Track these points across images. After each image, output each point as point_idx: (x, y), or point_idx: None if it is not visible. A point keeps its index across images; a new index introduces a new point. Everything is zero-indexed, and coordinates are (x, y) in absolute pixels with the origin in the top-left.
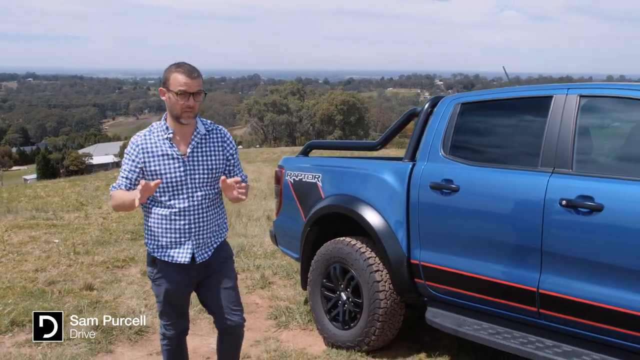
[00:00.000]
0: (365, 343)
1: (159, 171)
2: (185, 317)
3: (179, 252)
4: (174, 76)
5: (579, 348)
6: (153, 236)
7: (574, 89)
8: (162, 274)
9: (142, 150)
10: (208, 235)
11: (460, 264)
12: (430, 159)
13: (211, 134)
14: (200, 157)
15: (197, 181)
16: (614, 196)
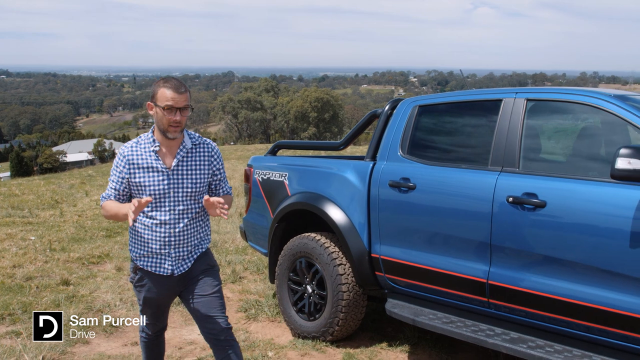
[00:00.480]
0: (329, 333)
1: (143, 183)
2: (164, 319)
3: (159, 264)
4: (161, 91)
5: (525, 335)
6: (136, 243)
7: (521, 93)
8: (143, 282)
9: (128, 161)
10: (188, 248)
11: (417, 258)
12: (389, 158)
13: (198, 148)
14: (185, 171)
15: (180, 195)
16: (556, 193)
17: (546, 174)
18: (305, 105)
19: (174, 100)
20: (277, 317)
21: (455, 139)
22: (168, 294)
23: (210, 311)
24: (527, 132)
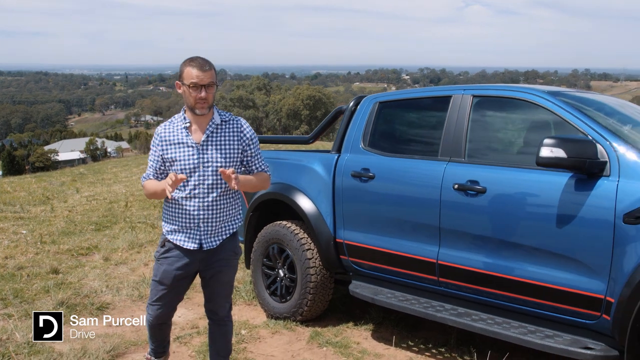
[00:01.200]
0: (299, 313)
1: (174, 158)
2: (170, 307)
3: (188, 238)
4: (187, 70)
5: (470, 310)
6: (168, 218)
7: (468, 90)
8: (167, 255)
9: (162, 139)
10: (217, 223)
11: (377, 241)
12: (352, 150)
13: (227, 124)
14: (213, 146)
15: (209, 169)
16: (495, 180)
17: (487, 163)
18: (297, 103)
19: (199, 77)
20: (253, 301)
21: (410, 132)
22: (187, 270)
23: (220, 297)
24: (472, 126)
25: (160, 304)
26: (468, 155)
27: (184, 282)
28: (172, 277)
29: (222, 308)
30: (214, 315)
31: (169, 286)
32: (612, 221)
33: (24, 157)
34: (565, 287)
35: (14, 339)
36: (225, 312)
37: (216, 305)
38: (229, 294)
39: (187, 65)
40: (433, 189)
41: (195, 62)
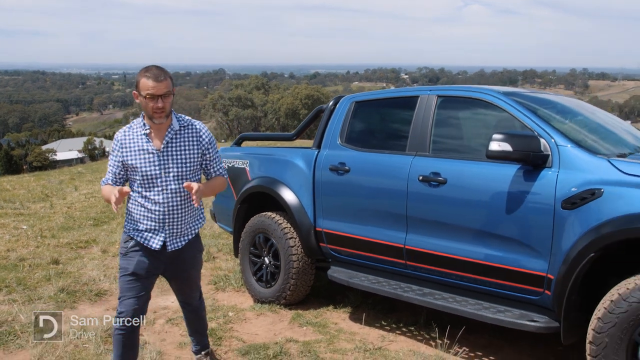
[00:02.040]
0: (283, 297)
1: (135, 165)
2: (142, 300)
3: (152, 238)
4: (143, 81)
5: (434, 290)
6: (132, 220)
7: (434, 91)
8: (134, 250)
9: (121, 145)
10: (181, 226)
11: (352, 229)
12: (330, 146)
13: (186, 130)
14: (173, 152)
15: (171, 175)
16: (454, 172)
17: (448, 156)
18: (295, 103)
19: (155, 88)
20: (242, 288)
21: (382, 129)
22: (155, 266)
23: (192, 289)
24: (436, 123)
25: (138, 295)
26: (432, 150)
27: (152, 278)
28: (146, 268)
29: (194, 298)
30: (187, 305)
31: (143, 276)
32: (552, 207)
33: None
34: (514, 266)
35: (18, 320)
36: (197, 300)
37: (189, 297)
38: (198, 285)
39: (142, 76)
40: (401, 181)
41: (150, 73)
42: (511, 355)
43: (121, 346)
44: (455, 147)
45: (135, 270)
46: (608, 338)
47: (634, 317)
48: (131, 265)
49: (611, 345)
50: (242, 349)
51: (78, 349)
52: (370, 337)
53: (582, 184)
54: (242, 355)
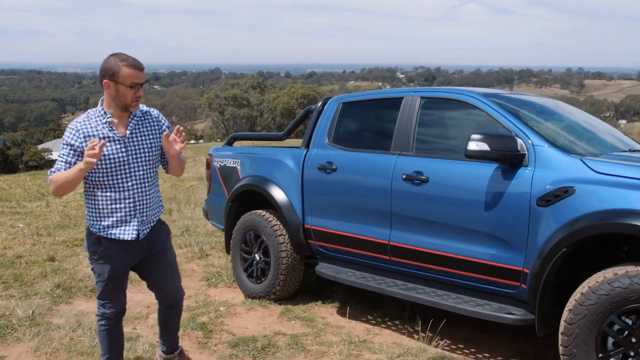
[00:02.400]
0: (272, 293)
1: (103, 153)
2: (124, 295)
3: (125, 230)
4: (124, 70)
5: (417, 285)
6: (99, 217)
7: (417, 92)
8: (107, 253)
9: (83, 134)
10: (149, 212)
11: (339, 226)
12: (319, 146)
13: (146, 116)
14: (139, 138)
15: (138, 160)
16: (436, 171)
17: (430, 156)
18: (291, 102)
19: (138, 77)
20: (233, 284)
21: (368, 129)
22: (132, 259)
23: (173, 282)
24: (419, 123)
25: (117, 297)
26: (415, 149)
27: (127, 274)
28: (120, 271)
29: (179, 291)
30: (173, 301)
31: (120, 276)
32: (528, 204)
33: (17, 156)
34: (492, 261)
35: (15, 314)
36: (182, 294)
37: (174, 290)
38: (178, 277)
39: (122, 66)
40: (385, 179)
41: (129, 62)
42: (491, 347)
43: (107, 341)
44: (437, 147)
45: (111, 274)
46: (578, 329)
47: (602, 309)
48: (106, 269)
49: (581, 336)
50: (231, 341)
51: (73, 342)
52: (356, 331)
53: (556, 182)
54: (231, 347)
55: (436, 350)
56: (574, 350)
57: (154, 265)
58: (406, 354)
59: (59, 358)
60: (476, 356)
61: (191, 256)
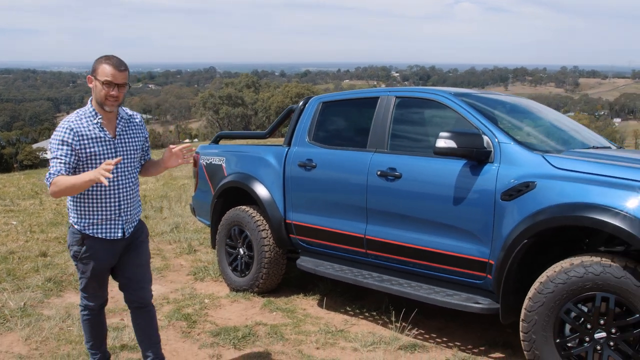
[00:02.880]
0: (256, 285)
1: (94, 153)
2: (106, 288)
3: (111, 229)
4: (102, 67)
5: (392, 277)
6: (85, 215)
7: (392, 92)
8: (91, 252)
9: (75, 134)
10: (132, 211)
11: (318, 221)
12: (299, 144)
13: (132, 119)
14: (126, 139)
15: (125, 161)
16: (408, 167)
17: (404, 153)
18: (286, 101)
19: (114, 76)
20: (219, 278)
21: (346, 127)
22: (114, 256)
23: (142, 281)
24: (394, 122)
25: (98, 293)
26: (390, 147)
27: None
28: (104, 264)
29: (148, 292)
30: (141, 303)
31: (102, 273)
32: (493, 199)
33: (12, 155)
34: (461, 253)
35: (8, 306)
36: (151, 296)
37: (143, 290)
38: (149, 278)
39: (102, 63)
40: (361, 176)
41: (111, 61)
42: (463, 337)
43: (90, 329)
44: (410, 144)
45: (94, 272)
46: (537, 316)
47: (559, 297)
48: (89, 267)
49: (540, 323)
50: (214, 331)
51: (63, 331)
52: (335, 321)
53: (519, 177)
54: (213, 336)
55: (408, 338)
56: (533, 336)
57: (127, 263)
58: (379, 342)
59: (49, 346)
60: (447, 345)
61: (180, 252)
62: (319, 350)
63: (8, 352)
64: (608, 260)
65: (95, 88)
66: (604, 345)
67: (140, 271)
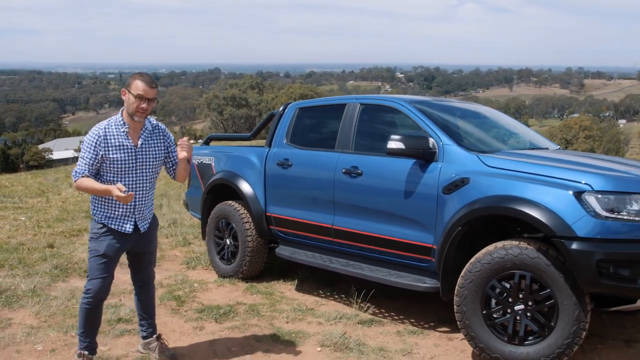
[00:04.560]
0: (240, 272)
1: (116, 158)
2: (111, 278)
3: (124, 224)
4: (136, 83)
5: (356, 262)
6: (104, 209)
7: (358, 100)
8: (107, 235)
9: (103, 140)
10: (146, 210)
11: (293, 213)
12: (278, 145)
13: (155, 130)
14: (148, 149)
15: (144, 168)
16: (368, 166)
17: (365, 153)
18: None
19: (145, 91)
20: (210, 267)
21: (318, 130)
22: (124, 247)
23: (149, 265)
24: (358, 126)
25: (105, 276)
26: (354, 148)
27: (117, 260)
28: (115, 250)
29: (152, 273)
30: (146, 283)
31: (112, 257)
32: (436, 192)
33: (18, 156)
34: (411, 240)
35: (20, 288)
36: (153, 277)
37: (148, 272)
38: (154, 261)
39: (137, 78)
40: (329, 173)
41: (144, 78)
42: (416, 315)
43: (86, 316)
44: (371, 145)
45: (105, 251)
46: (467, 291)
47: (485, 275)
48: (102, 247)
49: (469, 297)
50: (199, 308)
51: (68, 308)
52: (307, 302)
53: (457, 174)
54: (198, 313)
55: (368, 315)
56: (464, 309)
57: (138, 249)
58: (342, 318)
59: (56, 319)
60: (402, 321)
61: (175, 244)
62: (288, 324)
63: (21, 324)
64: (525, 244)
65: (128, 100)
66: (522, 316)
67: (146, 257)
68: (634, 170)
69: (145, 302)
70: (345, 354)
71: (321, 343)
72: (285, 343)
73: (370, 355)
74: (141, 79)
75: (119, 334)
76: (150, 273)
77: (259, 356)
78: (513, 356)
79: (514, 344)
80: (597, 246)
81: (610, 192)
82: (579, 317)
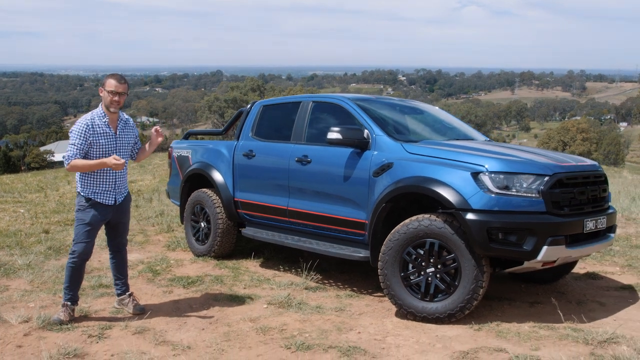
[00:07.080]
0: (212, 251)
1: (102, 144)
2: (91, 245)
3: (107, 197)
4: (109, 81)
5: (308, 239)
6: (91, 186)
7: (310, 98)
8: (92, 207)
9: (91, 129)
10: (123, 185)
11: (256, 198)
12: (245, 138)
13: (128, 121)
14: (123, 135)
15: (121, 151)
16: (316, 154)
17: (314, 144)
18: None
19: (116, 87)
20: (188, 249)
21: (278, 125)
22: (106, 217)
23: (123, 233)
24: (310, 120)
25: (88, 240)
26: (306, 139)
27: (99, 228)
28: (98, 220)
29: (125, 240)
30: (121, 248)
31: (95, 226)
32: (368, 176)
33: (19, 158)
34: (349, 217)
35: (16, 263)
36: (126, 242)
37: (123, 239)
38: (127, 231)
39: (109, 78)
40: (285, 161)
41: (115, 77)
42: (358, 283)
43: (71, 273)
44: (319, 137)
45: (90, 221)
46: (388, 257)
47: (402, 243)
48: (87, 217)
49: (390, 262)
50: (171, 278)
51: (58, 278)
52: (266, 274)
53: (385, 159)
54: (169, 281)
55: (314, 283)
56: (386, 272)
57: (115, 219)
58: (291, 285)
59: (47, 285)
60: (344, 288)
61: (159, 230)
62: (245, 289)
63: (17, 289)
64: (435, 217)
65: (104, 96)
66: (432, 277)
67: (121, 227)
68: (532, 157)
69: (120, 264)
70: (286, 310)
71: (268, 302)
72: (239, 302)
73: (307, 311)
74: (112, 77)
75: (99, 296)
76: (124, 240)
77: (215, 310)
78: (425, 310)
79: (426, 301)
80: (488, 216)
81: (501, 173)
82: (477, 277)
